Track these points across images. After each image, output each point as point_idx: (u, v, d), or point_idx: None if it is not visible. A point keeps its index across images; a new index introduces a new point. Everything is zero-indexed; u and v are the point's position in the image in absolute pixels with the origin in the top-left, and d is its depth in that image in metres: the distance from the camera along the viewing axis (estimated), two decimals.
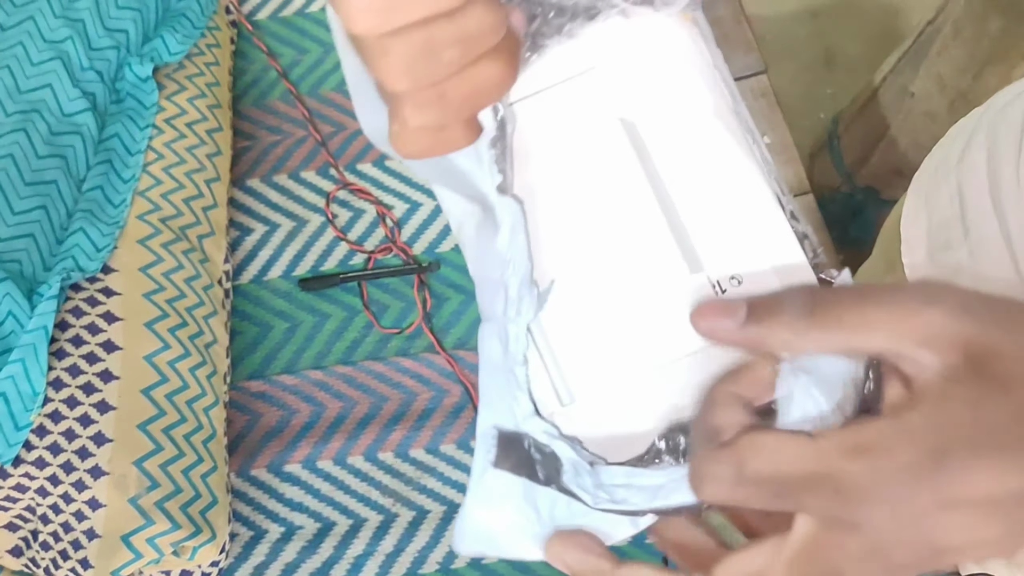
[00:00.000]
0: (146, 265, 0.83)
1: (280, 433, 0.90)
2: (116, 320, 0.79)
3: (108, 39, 0.90)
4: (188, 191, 0.89)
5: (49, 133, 0.85)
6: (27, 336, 0.74)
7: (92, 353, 0.77)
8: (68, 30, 0.88)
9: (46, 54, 0.87)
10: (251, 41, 1.06)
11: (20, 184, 0.82)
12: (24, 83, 0.86)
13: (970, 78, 0.97)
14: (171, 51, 0.92)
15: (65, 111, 0.86)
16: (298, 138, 1.02)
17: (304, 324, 0.94)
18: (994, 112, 0.60)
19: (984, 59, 0.95)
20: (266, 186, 1.00)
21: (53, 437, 0.75)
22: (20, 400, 0.74)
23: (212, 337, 0.85)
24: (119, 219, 0.84)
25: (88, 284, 0.80)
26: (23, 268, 0.79)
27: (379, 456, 0.89)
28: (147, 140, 0.89)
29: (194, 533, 0.76)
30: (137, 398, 0.78)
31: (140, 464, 0.76)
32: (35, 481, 0.75)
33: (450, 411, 0.90)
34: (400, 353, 0.93)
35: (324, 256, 0.97)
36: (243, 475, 0.88)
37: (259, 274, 0.97)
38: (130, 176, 0.87)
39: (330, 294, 0.95)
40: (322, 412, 0.90)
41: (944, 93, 1.00)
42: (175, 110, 0.91)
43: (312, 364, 0.92)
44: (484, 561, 0.85)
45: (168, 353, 0.80)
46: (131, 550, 0.74)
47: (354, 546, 0.86)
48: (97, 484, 0.74)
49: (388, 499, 0.88)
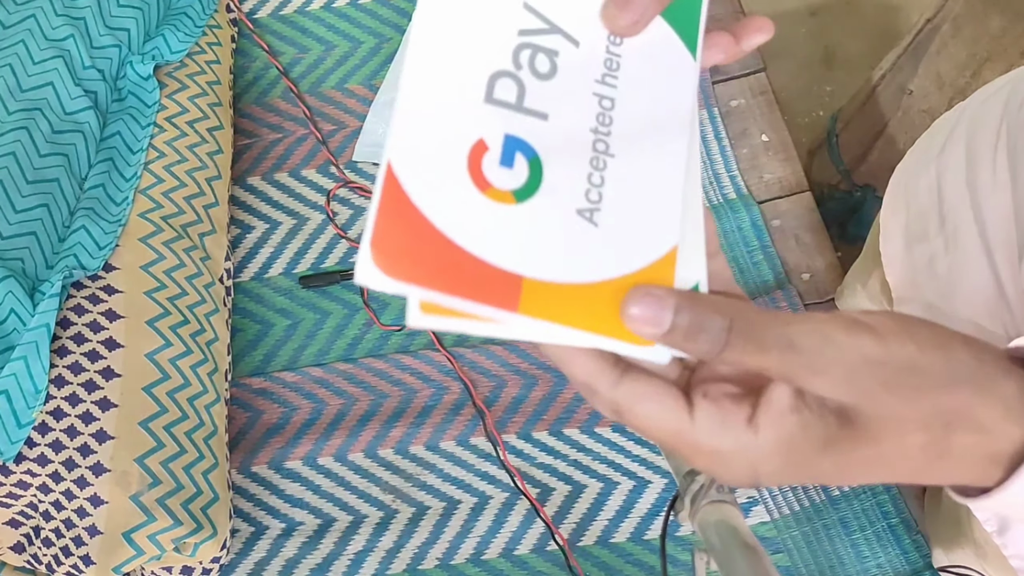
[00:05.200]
0: (148, 263, 0.83)
1: (281, 430, 0.90)
2: (118, 318, 0.80)
3: (110, 37, 0.90)
4: (189, 189, 0.89)
5: (51, 131, 0.85)
6: (29, 334, 0.74)
7: (94, 351, 0.78)
8: (70, 28, 0.88)
9: (48, 52, 0.87)
10: (252, 39, 1.07)
11: (22, 182, 0.82)
12: (26, 81, 0.86)
13: (969, 76, 0.97)
14: (172, 49, 0.93)
15: (67, 109, 0.86)
16: (299, 136, 1.02)
17: (305, 321, 0.94)
18: (975, 106, 0.60)
19: (983, 57, 0.95)
20: (267, 184, 1.00)
21: (55, 434, 0.75)
22: (22, 397, 0.74)
23: (213, 334, 0.86)
24: (121, 217, 0.84)
25: (90, 282, 0.81)
26: (25, 266, 0.79)
27: (379, 452, 0.89)
28: (148, 138, 0.89)
29: (195, 529, 0.76)
30: (139, 395, 0.78)
31: (142, 461, 0.76)
32: (37, 478, 0.75)
33: (450, 408, 0.90)
34: (400, 350, 0.93)
35: (325, 253, 0.98)
36: (244, 471, 0.89)
37: (260, 272, 0.97)
38: (132, 174, 0.87)
39: (331, 291, 0.96)
40: (323, 409, 0.91)
41: (943, 91, 1.01)
42: (176, 108, 0.92)
43: (313, 361, 0.93)
44: (483, 557, 0.86)
45: (170, 351, 0.81)
46: (133, 546, 0.74)
47: (354, 542, 0.86)
48: (99, 481, 0.75)
49: (388, 495, 0.88)
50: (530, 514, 0.87)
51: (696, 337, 0.30)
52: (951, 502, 0.79)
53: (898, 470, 0.32)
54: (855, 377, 0.30)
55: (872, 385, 0.30)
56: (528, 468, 0.89)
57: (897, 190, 0.66)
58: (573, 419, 0.90)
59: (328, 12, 1.09)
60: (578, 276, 0.31)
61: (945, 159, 0.60)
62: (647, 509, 0.87)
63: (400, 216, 0.30)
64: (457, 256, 0.30)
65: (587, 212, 0.32)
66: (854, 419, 0.31)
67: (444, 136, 0.31)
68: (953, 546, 0.78)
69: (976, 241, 0.56)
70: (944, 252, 0.59)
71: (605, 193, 0.32)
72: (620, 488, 0.88)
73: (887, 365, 0.30)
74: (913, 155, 0.66)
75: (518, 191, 0.31)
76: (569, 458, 0.89)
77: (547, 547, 0.86)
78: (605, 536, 0.86)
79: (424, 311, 0.30)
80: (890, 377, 0.30)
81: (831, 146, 1.21)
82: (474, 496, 0.88)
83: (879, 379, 0.30)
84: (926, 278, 0.62)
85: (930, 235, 0.60)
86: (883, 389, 0.30)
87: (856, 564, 0.85)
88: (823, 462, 0.31)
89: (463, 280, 0.29)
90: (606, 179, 0.33)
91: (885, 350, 0.30)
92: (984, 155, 0.56)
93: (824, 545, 0.86)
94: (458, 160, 0.31)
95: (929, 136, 0.65)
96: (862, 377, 0.30)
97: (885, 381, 0.30)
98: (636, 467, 0.89)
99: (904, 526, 0.86)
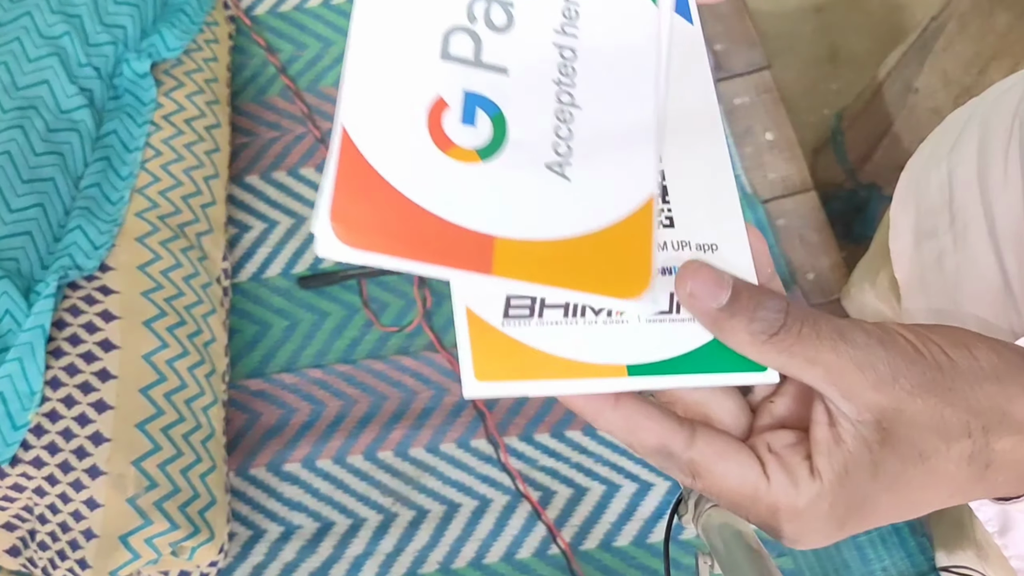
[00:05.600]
0: (144, 263, 0.82)
1: (279, 432, 0.89)
2: (114, 319, 0.79)
3: (106, 35, 0.89)
4: (186, 188, 0.88)
5: (46, 130, 0.84)
6: (24, 335, 0.74)
7: (90, 352, 0.77)
8: (65, 26, 0.87)
9: (43, 50, 0.86)
10: (249, 36, 1.06)
11: (17, 181, 0.81)
12: (21, 79, 0.85)
13: (975, 73, 0.97)
14: (169, 47, 0.92)
15: (62, 107, 0.86)
16: (297, 134, 1.01)
17: (303, 322, 0.94)
18: (988, 103, 0.60)
19: (990, 54, 0.94)
20: (265, 183, 1.00)
21: (51, 437, 0.74)
22: (17, 399, 0.73)
23: (211, 335, 0.85)
24: (117, 217, 0.84)
25: (86, 282, 0.80)
26: (20, 266, 0.78)
27: (379, 455, 0.88)
28: (145, 137, 0.88)
29: (192, 533, 0.76)
30: (135, 397, 0.77)
31: (138, 464, 0.75)
32: (33, 481, 0.74)
33: (450, 410, 0.90)
34: (400, 351, 0.92)
35: None
36: (242, 474, 0.88)
37: (258, 272, 0.96)
38: (128, 173, 0.86)
39: (329, 292, 0.95)
40: (321, 411, 0.90)
41: (949, 89, 1.00)
42: (173, 106, 0.91)
43: (311, 362, 0.92)
44: (484, 561, 0.85)
45: (166, 352, 0.80)
46: (129, 550, 0.74)
47: (353, 546, 0.85)
48: (95, 484, 0.74)
49: (388, 498, 0.87)
50: (532, 517, 0.86)
51: (754, 314, 0.29)
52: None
53: (952, 488, 0.31)
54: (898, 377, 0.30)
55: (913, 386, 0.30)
56: (530, 471, 0.88)
57: (907, 186, 0.65)
58: (575, 421, 0.89)
59: (326, 9, 1.08)
60: (552, 232, 0.30)
61: (956, 156, 0.59)
62: (650, 512, 0.86)
63: (360, 183, 0.28)
64: (424, 220, 0.28)
65: (557, 166, 0.31)
66: (894, 436, 0.30)
67: (401, 97, 0.30)
68: (955, 547, 0.78)
69: (985, 239, 0.56)
70: (953, 249, 0.58)
71: (574, 146, 0.31)
72: (623, 491, 0.87)
73: (921, 364, 0.30)
74: (924, 151, 0.65)
75: (482, 149, 0.30)
76: (571, 460, 0.88)
77: (549, 551, 0.85)
78: (608, 540, 0.85)
79: (479, 379, 0.29)
80: (927, 377, 0.30)
81: (836, 144, 1.20)
82: (475, 499, 0.87)
83: (918, 379, 0.30)
84: (934, 275, 0.62)
85: (939, 232, 0.59)
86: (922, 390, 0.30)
87: (861, 567, 0.84)
88: (880, 494, 0.30)
89: (432, 245, 0.28)
90: (574, 131, 0.31)
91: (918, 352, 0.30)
92: (995, 153, 0.55)
93: (829, 548, 0.85)
94: (417, 120, 0.30)
95: (940, 133, 0.64)
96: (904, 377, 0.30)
97: (923, 382, 0.30)
98: (639, 470, 0.88)
99: (909, 528, 0.85)
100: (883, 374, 0.29)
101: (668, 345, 0.31)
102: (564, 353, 0.30)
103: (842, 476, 0.30)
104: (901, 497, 0.31)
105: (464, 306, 0.30)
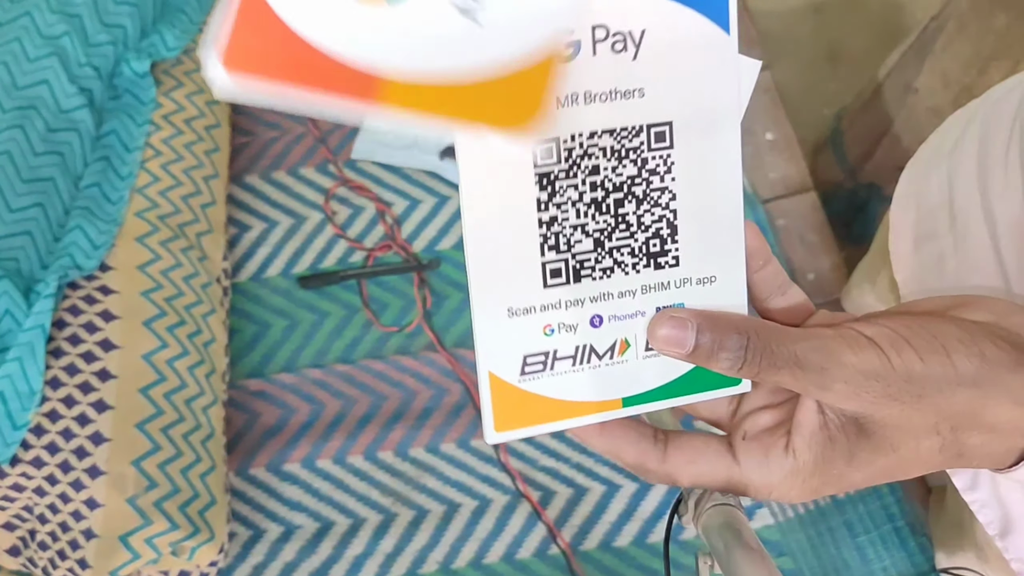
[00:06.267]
0: (144, 263, 0.82)
1: (279, 432, 0.89)
2: (114, 318, 0.79)
3: (105, 34, 0.89)
4: (186, 188, 0.88)
5: (46, 130, 0.84)
6: (24, 335, 0.74)
7: (90, 352, 0.77)
8: (65, 25, 0.87)
9: (43, 50, 0.86)
10: None
11: (17, 181, 0.81)
12: (21, 79, 0.85)
13: (975, 73, 0.97)
14: (169, 47, 0.92)
15: (62, 107, 0.86)
16: (297, 134, 1.01)
17: (303, 322, 0.94)
18: (988, 105, 0.60)
19: (989, 55, 0.94)
20: (265, 183, 1.00)
21: (51, 436, 0.74)
22: (17, 399, 0.73)
23: (210, 335, 0.85)
24: (117, 217, 0.83)
25: (85, 282, 0.80)
26: (20, 266, 0.78)
27: (379, 455, 0.88)
28: (145, 137, 0.88)
29: (192, 533, 0.75)
30: (135, 397, 0.77)
31: (138, 464, 0.75)
32: (32, 481, 0.74)
33: (450, 410, 0.89)
34: (400, 351, 0.92)
35: (323, 253, 0.97)
36: (242, 474, 0.88)
37: (258, 272, 0.96)
38: (128, 173, 0.86)
39: (329, 292, 0.95)
40: (321, 411, 0.90)
41: (948, 89, 1.00)
42: (173, 106, 0.91)
43: (311, 362, 0.92)
44: (484, 561, 0.85)
45: (166, 352, 0.80)
46: (129, 550, 0.74)
47: (353, 546, 0.85)
48: (95, 484, 0.74)
49: (388, 498, 0.87)
50: (532, 518, 0.86)
51: (718, 356, 0.32)
52: (955, 505, 0.79)
53: (926, 469, 0.34)
54: (860, 392, 0.32)
55: (876, 398, 0.32)
56: (529, 471, 0.88)
57: (907, 187, 0.65)
58: None
59: None
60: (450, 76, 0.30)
61: (956, 157, 0.59)
62: (650, 512, 0.86)
63: (256, 21, 0.28)
64: (318, 58, 0.29)
65: (469, 11, 0.31)
66: (869, 430, 0.33)
67: None
68: (955, 548, 0.78)
69: (986, 241, 0.55)
70: (953, 251, 0.58)
71: None
72: (623, 491, 0.87)
73: (888, 377, 0.32)
74: (924, 153, 0.65)
75: None
76: (572, 461, 0.88)
77: (549, 551, 0.85)
78: (608, 540, 0.85)
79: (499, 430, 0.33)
80: (892, 388, 0.32)
81: (835, 144, 1.20)
82: (475, 499, 0.87)
83: (882, 392, 0.32)
84: (934, 277, 0.62)
85: (939, 233, 0.59)
86: (887, 401, 0.32)
87: (861, 567, 0.84)
88: (854, 475, 0.34)
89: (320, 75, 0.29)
90: None
91: (886, 363, 0.32)
92: (996, 154, 0.55)
93: (829, 548, 0.85)
94: None
95: (941, 133, 0.64)
96: (866, 391, 0.32)
97: (888, 393, 0.32)
98: None
99: (909, 528, 0.85)
100: (842, 392, 0.32)
101: (660, 375, 0.35)
102: (570, 397, 0.34)
103: (819, 459, 0.33)
104: (875, 476, 0.34)
105: (487, 370, 0.34)
